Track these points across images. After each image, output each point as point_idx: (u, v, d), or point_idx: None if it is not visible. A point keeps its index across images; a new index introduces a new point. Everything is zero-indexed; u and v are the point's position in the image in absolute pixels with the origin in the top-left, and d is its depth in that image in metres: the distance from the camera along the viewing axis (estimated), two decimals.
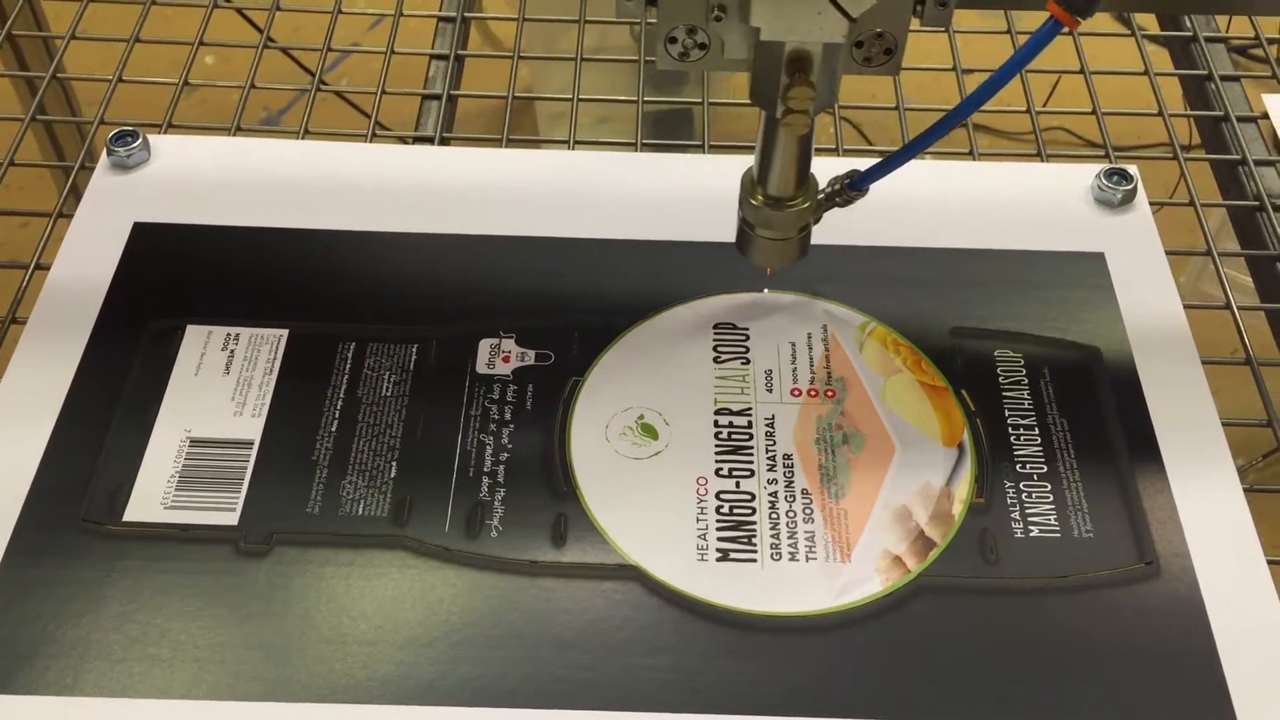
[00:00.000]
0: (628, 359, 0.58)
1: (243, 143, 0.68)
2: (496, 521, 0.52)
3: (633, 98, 0.73)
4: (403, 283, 0.60)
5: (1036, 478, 0.53)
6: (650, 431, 0.55)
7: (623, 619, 0.49)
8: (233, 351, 0.57)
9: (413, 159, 0.67)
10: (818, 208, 0.53)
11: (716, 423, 0.55)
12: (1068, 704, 0.47)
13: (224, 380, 0.56)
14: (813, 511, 0.52)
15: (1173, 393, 0.57)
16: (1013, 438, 0.55)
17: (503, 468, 0.53)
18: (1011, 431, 0.55)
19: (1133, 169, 0.65)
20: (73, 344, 0.57)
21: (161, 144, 0.66)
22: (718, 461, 0.54)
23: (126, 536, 0.51)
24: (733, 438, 0.55)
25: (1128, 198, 0.64)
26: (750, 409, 0.56)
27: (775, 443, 0.55)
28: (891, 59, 0.47)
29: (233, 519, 0.51)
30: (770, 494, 0.53)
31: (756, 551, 0.51)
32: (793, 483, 0.53)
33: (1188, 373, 0.57)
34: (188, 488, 0.52)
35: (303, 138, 0.69)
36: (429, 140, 0.70)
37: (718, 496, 0.53)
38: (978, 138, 0.70)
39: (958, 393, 0.57)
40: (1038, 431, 0.55)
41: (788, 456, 0.54)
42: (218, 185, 0.64)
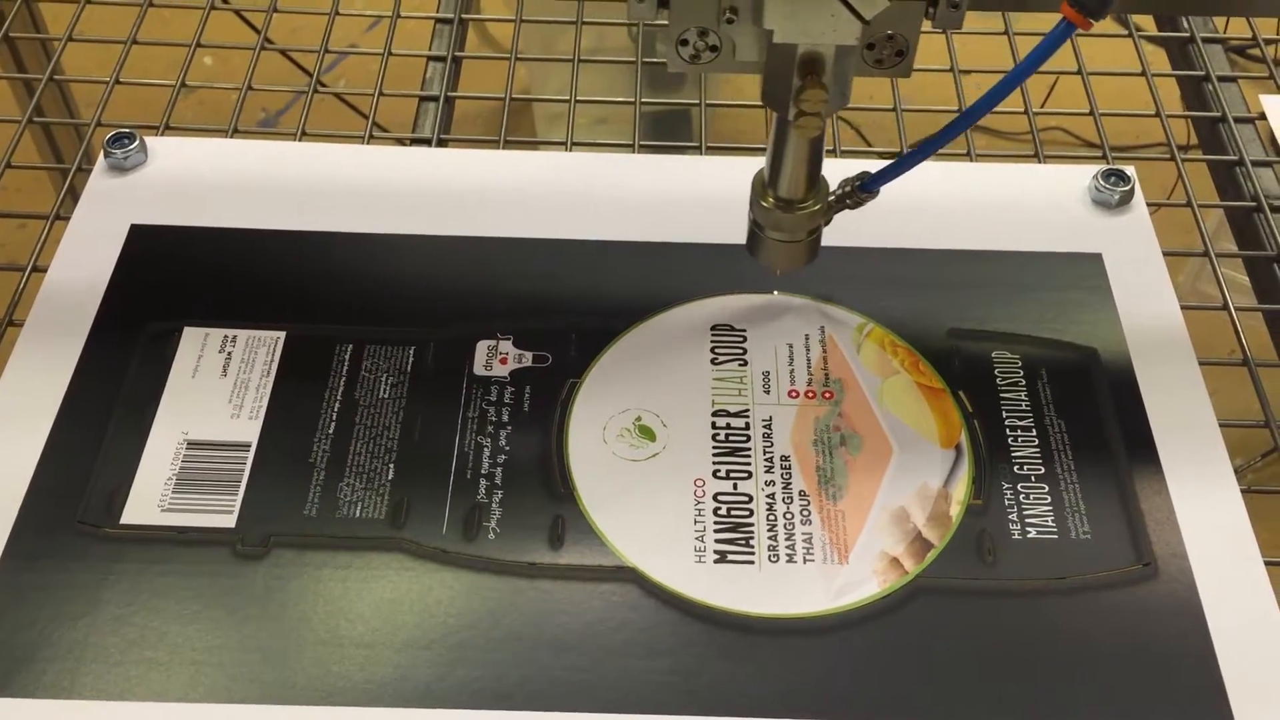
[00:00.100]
0: (625, 360, 0.58)
1: (240, 144, 0.68)
2: (494, 523, 0.52)
3: (630, 99, 0.73)
4: (400, 284, 0.60)
5: (1034, 479, 0.53)
6: (648, 433, 0.55)
7: (620, 621, 0.49)
8: (230, 353, 0.57)
9: (410, 161, 0.67)
10: (828, 210, 0.54)
11: (714, 424, 0.55)
12: (1065, 705, 0.47)
13: (221, 382, 0.56)
14: (810, 513, 0.52)
15: (1170, 394, 0.57)
16: (1010, 439, 0.55)
17: (500, 469, 0.53)
18: (1009, 433, 0.55)
19: (1130, 170, 0.65)
20: (70, 346, 0.57)
21: (158, 146, 0.66)
22: (715, 463, 0.54)
23: (124, 539, 0.51)
24: (730, 439, 0.55)
25: (1125, 199, 0.64)
26: (748, 410, 0.56)
27: (773, 444, 0.55)
28: (903, 61, 0.47)
29: (230, 521, 0.51)
30: (768, 495, 0.53)
31: (754, 553, 0.51)
32: (790, 484, 0.53)
33: (1185, 374, 0.57)
34: (185, 490, 0.52)
35: (300, 139, 0.69)
36: (426, 142, 0.70)
37: (715, 498, 0.53)
38: (975, 138, 0.70)
39: (955, 394, 0.57)
40: (1035, 433, 0.55)
41: (785, 458, 0.54)
42: (215, 187, 0.64)
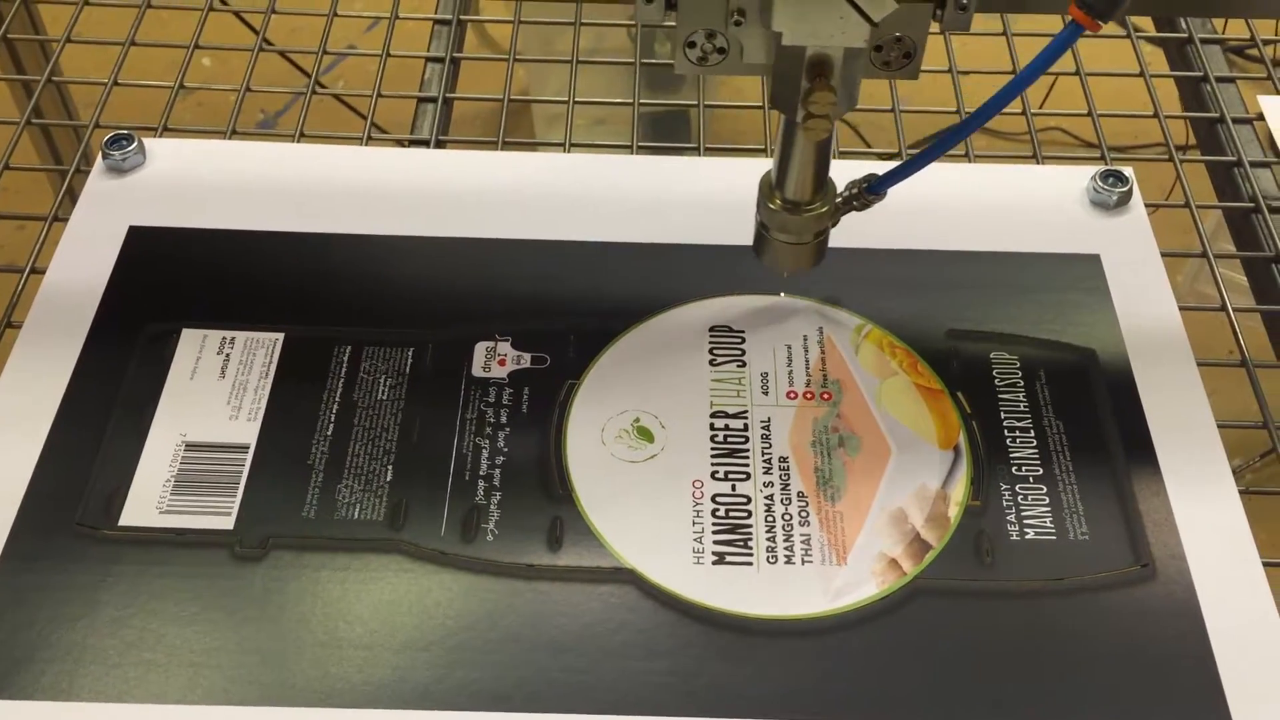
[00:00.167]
0: (623, 362, 0.58)
1: (238, 146, 0.68)
2: (492, 525, 0.52)
3: (629, 100, 0.73)
4: (398, 286, 0.60)
5: (1032, 480, 0.54)
6: (646, 434, 0.55)
7: (619, 622, 0.49)
8: (228, 355, 0.57)
9: (408, 162, 0.67)
10: (835, 212, 0.54)
11: (712, 425, 0.55)
12: (1064, 706, 0.47)
13: (220, 384, 0.56)
14: (809, 514, 0.52)
15: (1168, 395, 0.57)
16: (1008, 440, 0.55)
17: (498, 471, 0.53)
18: (1007, 434, 0.55)
19: (1128, 171, 0.65)
20: (68, 348, 0.57)
21: (157, 147, 0.66)
22: (714, 464, 0.54)
23: (122, 541, 0.51)
24: (729, 440, 0.55)
25: (1123, 200, 0.64)
26: (746, 412, 0.56)
27: (771, 445, 0.55)
28: (911, 63, 0.47)
29: (228, 523, 0.51)
30: (766, 497, 0.53)
31: (752, 554, 0.51)
32: (789, 485, 0.53)
33: (1183, 375, 0.57)
34: (183, 492, 0.52)
35: (299, 140, 0.69)
36: (425, 143, 0.70)
37: (713, 499, 0.53)
38: (973, 138, 0.70)
39: (954, 395, 0.57)
40: (1033, 434, 0.55)
41: (784, 459, 0.54)
42: (213, 189, 0.64)
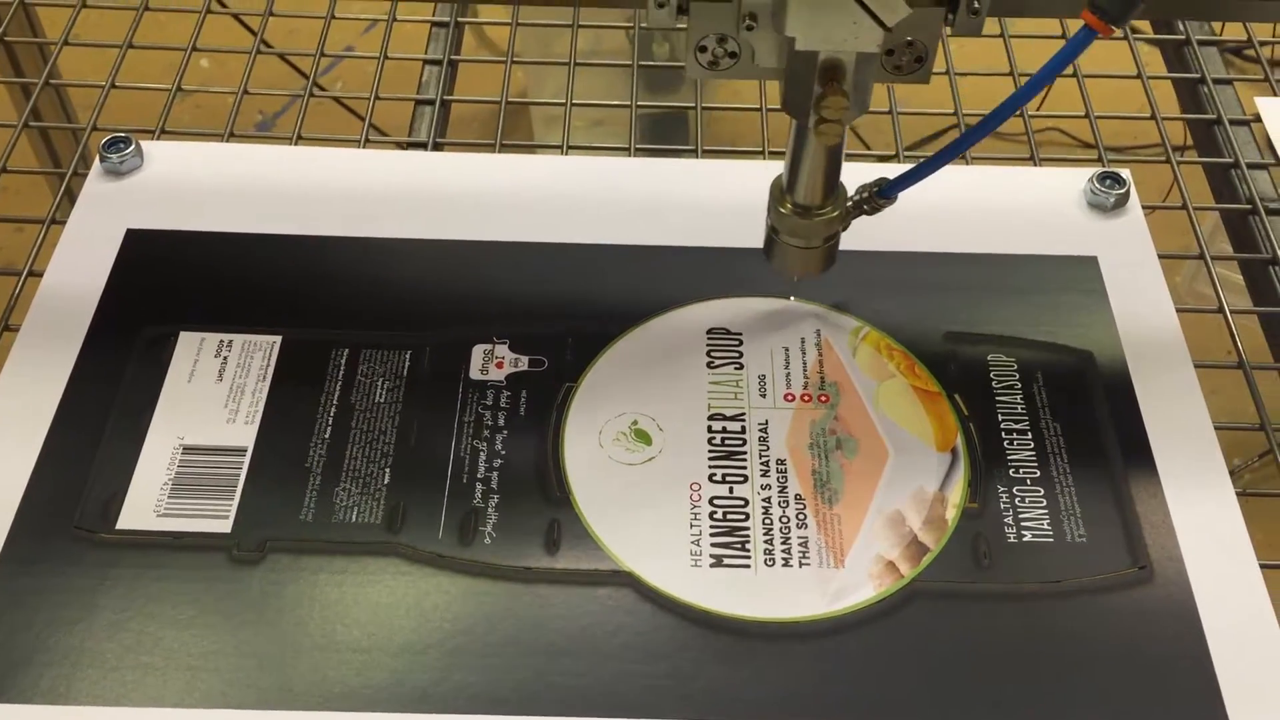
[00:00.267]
0: (621, 364, 0.58)
1: (235, 149, 0.68)
2: (490, 528, 0.52)
3: (626, 102, 0.73)
4: (396, 289, 0.60)
5: (1030, 482, 0.54)
6: (644, 437, 0.55)
7: (616, 625, 0.49)
8: (226, 358, 0.57)
9: (405, 165, 0.67)
10: (846, 215, 0.54)
11: (710, 428, 0.55)
12: (1062, 708, 0.47)
13: (217, 387, 0.56)
14: (806, 517, 0.52)
15: (1166, 397, 0.57)
16: (1006, 442, 0.55)
17: (496, 474, 0.53)
18: (1005, 436, 0.55)
19: (1125, 173, 0.65)
20: (66, 351, 0.57)
21: (154, 150, 0.66)
22: (711, 467, 0.54)
23: (120, 544, 0.51)
24: (726, 443, 0.55)
25: (1120, 201, 0.64)
26: (744, 414, 0.56)
27: (769, 448, 0.55)
28: (922, 67, 0.47)
29: (226, 526, 0.51)
30: (764, 499, 0.53)
31: (750, 557, 0.51)
32: (786, 488, 0.53)
33: (1181, 377, 0.57)
34: (181, 495, 0.52)
35: (296, 143, 0.69)
36: (422, 145, 0.70)
37: (711, 502, 0.53)
38: None
39: (951, 397, 0.57)
40: (1031, 436, 0.55)
41: (781, 462, 0.54)
42: (210, 191, 0.64)
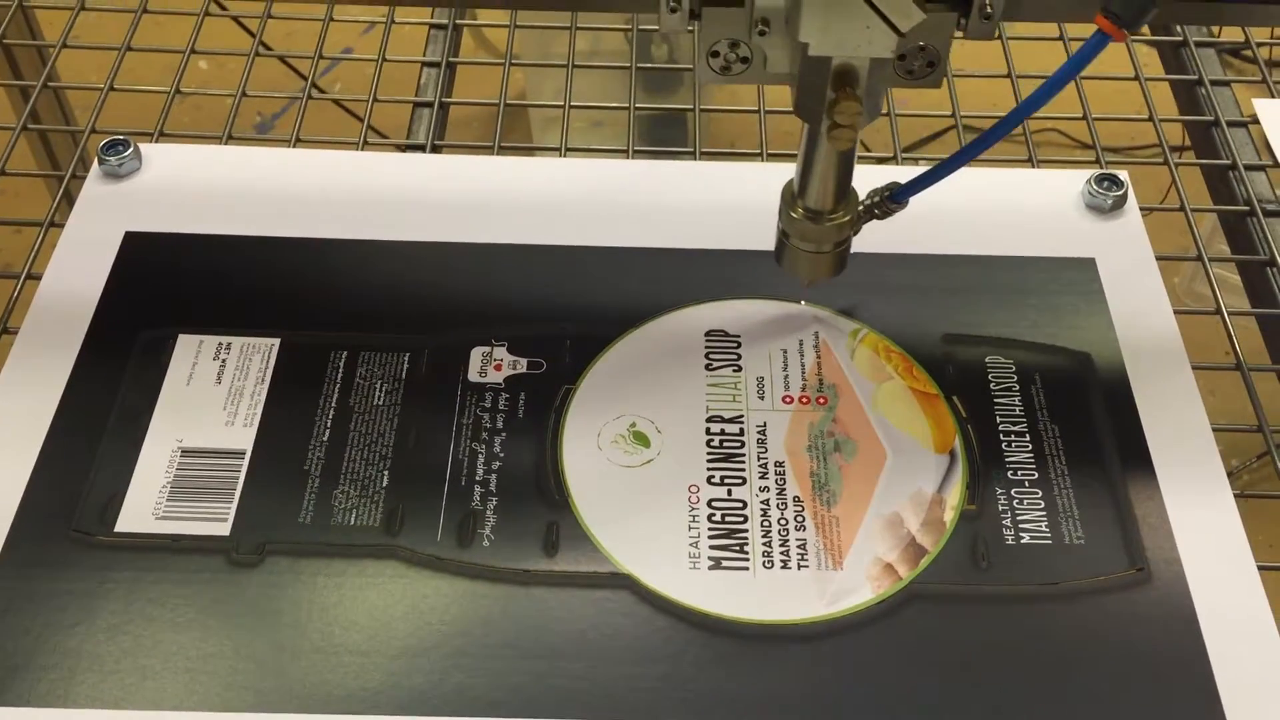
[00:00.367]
0: (620, 367, 0.58)
1: (234, 151, 0.68)
2: (488, 530, 0.52)
3: (625, 103, 0.73)
4: (394, 291, 0.61)
5: (1028, 484, 0.54)
6: (642, 439, 0.55)
7: (615, 628, 0.49)
8: (224, 361, 0.57)
9: (404, 167, 0.67)
10: (857, 220, 0.54)
11: (708, 430, 0.55)
12: (1060, 710, 0.47)
13: (216, 390, 0.56)
14: (804, 519, 0.52)
15: (1164, 399, 0.57)
16: (1004, 444, 0.55)
17: (494, 476, 0.53)
18: (1003, 438, 0.55)
19: (1123, 175, 0.65)
20: (64, 354, 0.57)
21: (153, 153, 0.66)
22: (710, 469, 0.54)
23: (118, 547, 0.51)
24: (724, 445, 0.55)
25: (1118, 203, 0.64)
26: (742, 416, 0.56)
27: (767, 450, 0.55)
28: (934, 71, 0.47)
29: (224, 529, 0.51)
30: (762, 501, 0.53)
31: (748, 559, 0.51)
32: (784, 490, 0.53)
33: (1179, 378, 0.57)
34: (179, 498, 0.52)
35: (295, 144, 0.69)
36: (421, 147, 0.70)
37: (709, 504, 0.53)
38: (968, 140, 0.70)
39: (949, 399, 0.57)
40: (1029, 438, 0.55)
41: (779, 464, 0.54)
42: (209, 194, 0.64)
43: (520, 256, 0.62)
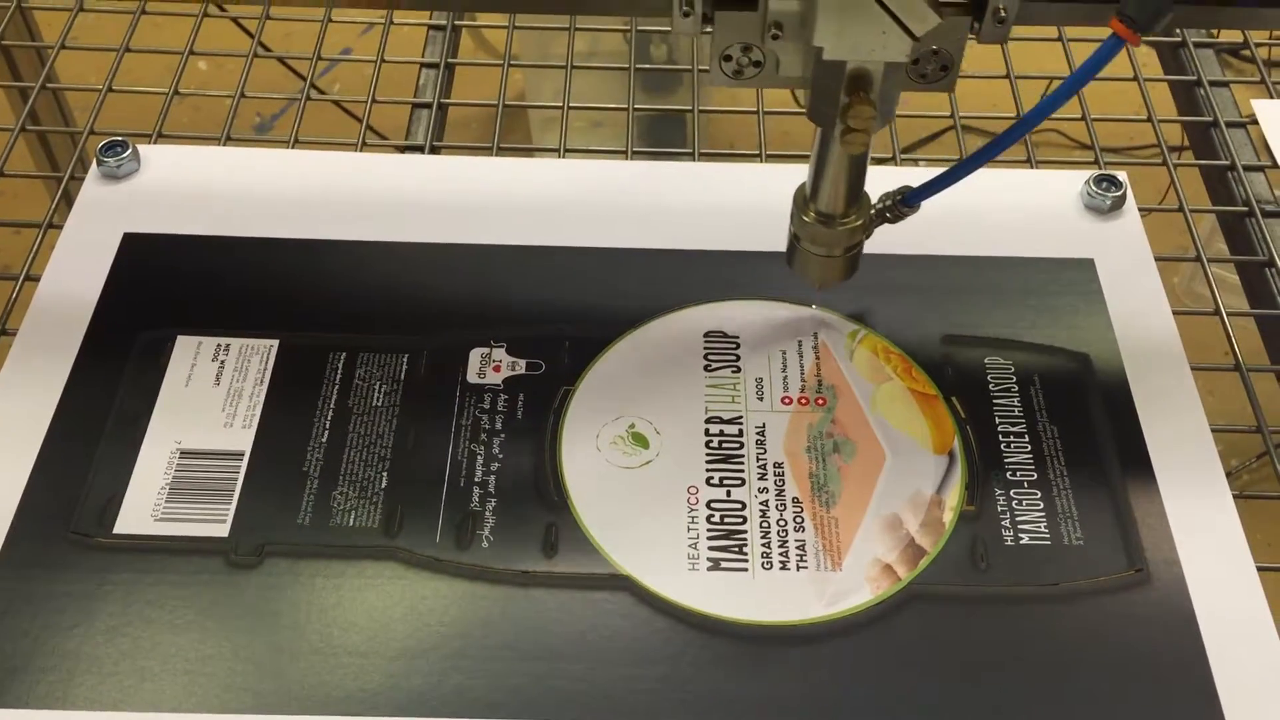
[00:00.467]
0: (618, 368, 0.58)
1: (233, 153, 0.68)
2: (487, 532, 0.52)
3: (624, 105, 0.73)
4: (393, 292, 0.60)
5: (1027, 485, 0.54)
6: (641, 440, 0.55)
7: (614, 629, 0.49)
8: (223, 362, 0.57)
9: (402, 168, 0.67)
10: (869, 224, 0.54)
11: (707, 431, 0.55)
12: (1059, 711, 0.47)
13: (214, 391, 0.56)
14: (803, 520, 0.52)
15: (1163, 400, 0.57)
16: (1003, 445, 0.55)
17: (493, 478, 0.53)
18: (1002, 439, 0.55)
19: (1122, 175, 0.65)
20: (63, 355, 0.57)
21: (151, 154, 0.66)
22: (708, 470, 0.54)
23: (117, 549, 0.51)
24: (723, 446, 0.55)
25: (1117, 204, 0.64)
26: (741, 417, 0.56)
27: (766, 451, 0.55)
28: (947, 75, 0.47)
29: (223, 531, 0.51)
30: (761, 503, 0.53)
31: (747, 560, 0.51)
32: (783, 491, 0.53)
33: (1177, 379, 0.57)
34: (178, 499, 0.52)
35: (294, 145, 0.69)
36: (419, 148, 0.70)
37: (708, 505, 0.53)
38: (967, 142, 0.70)
39: (948, 400, 0.57)
40: (1028, 439, 0.55)
41: (778, 465, 0.54)
42: (207, 195, 0.64)
43: (519, 257, 0.62)
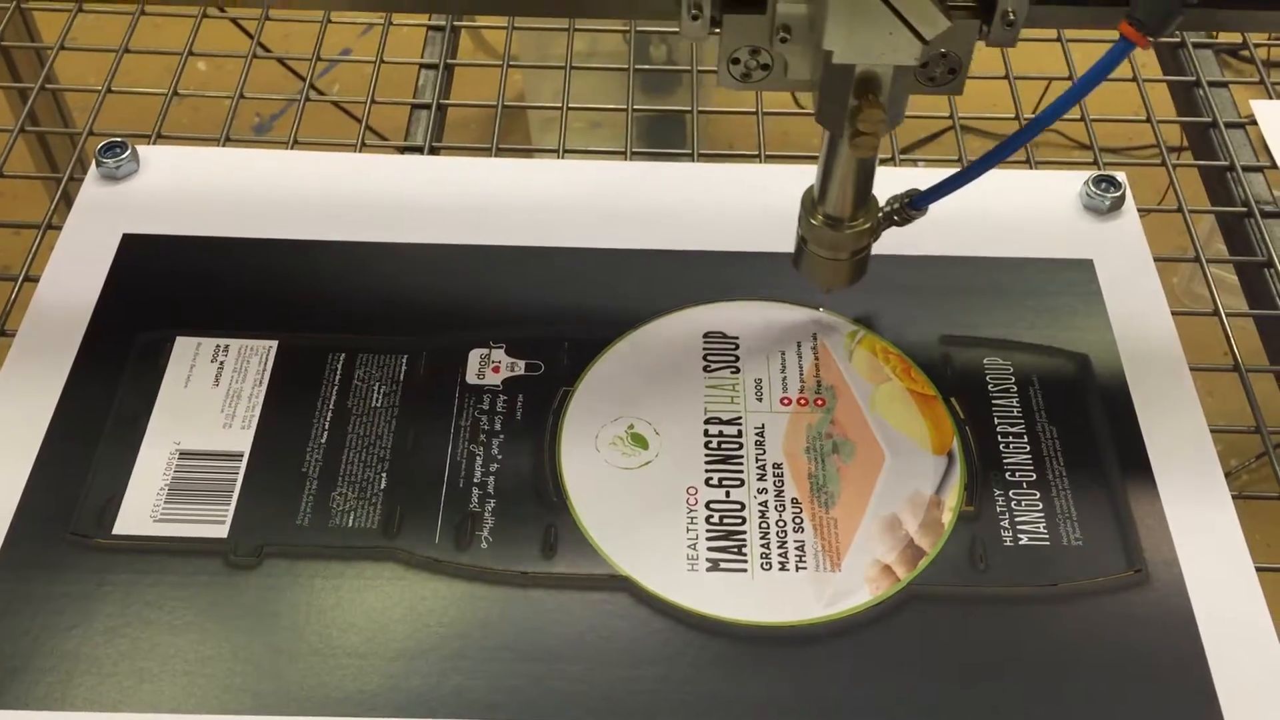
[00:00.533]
0: (617, 369, 0.58)
1: (232, 154, 0.68)
2: (486, 532, 0.52)
3: (623, 105, 0.73)
4: (392, 293, 0.60)
5: (1026, 486, 0.54)
6: (640, 441, 0.55)
7: (613, 630, 0.49)
8: (222, 363, 0.57)
9: (402, 169, 0.67)
10: (876, 228, 0.54)
11: (706, 432, 0.55)
12: (1057, 711, 0.47)
13: (214, 392, 0.56)
14: (803, 521, 0.52)
15: (1161, 400, 0.57)
16: (1002, 446, 0.55)
17: (493, 478, 0.53)
18: (1001, 439, 0.55)
19: (1121, 176, 0.65)
20: (62, 356, 0.57)
21: (150, 155, 0.66)
22: (708, 471, 0.54)
23: (116, 549, 0.51)
24: (723, 447, 0.55)
25: (1116, 205, 0.64)
26: (740, 418, 0.56)
27: (765, 452, 0.55)
28: (955, 78, 0.47)
29: (222, 531, 0.51)
30: (760, 503, 0.53)
31: (746, 561, 0.51)
32: (782, 492, 0.53)
33: (1176, 380, 0.57)
34: (177, 500, 0.52)
35: (293, 146, 0.69)
36: (419, 149, 0.70)
37: (708, 506, 0.53)
38: (967, 142, 0.70)
39: (947, 401, 0.57)
40: (1027, 439, 0.55)
41: (777, 465, 0.54)
42: (207, 196, 0.64)
43: (518, 258, 0.62)
